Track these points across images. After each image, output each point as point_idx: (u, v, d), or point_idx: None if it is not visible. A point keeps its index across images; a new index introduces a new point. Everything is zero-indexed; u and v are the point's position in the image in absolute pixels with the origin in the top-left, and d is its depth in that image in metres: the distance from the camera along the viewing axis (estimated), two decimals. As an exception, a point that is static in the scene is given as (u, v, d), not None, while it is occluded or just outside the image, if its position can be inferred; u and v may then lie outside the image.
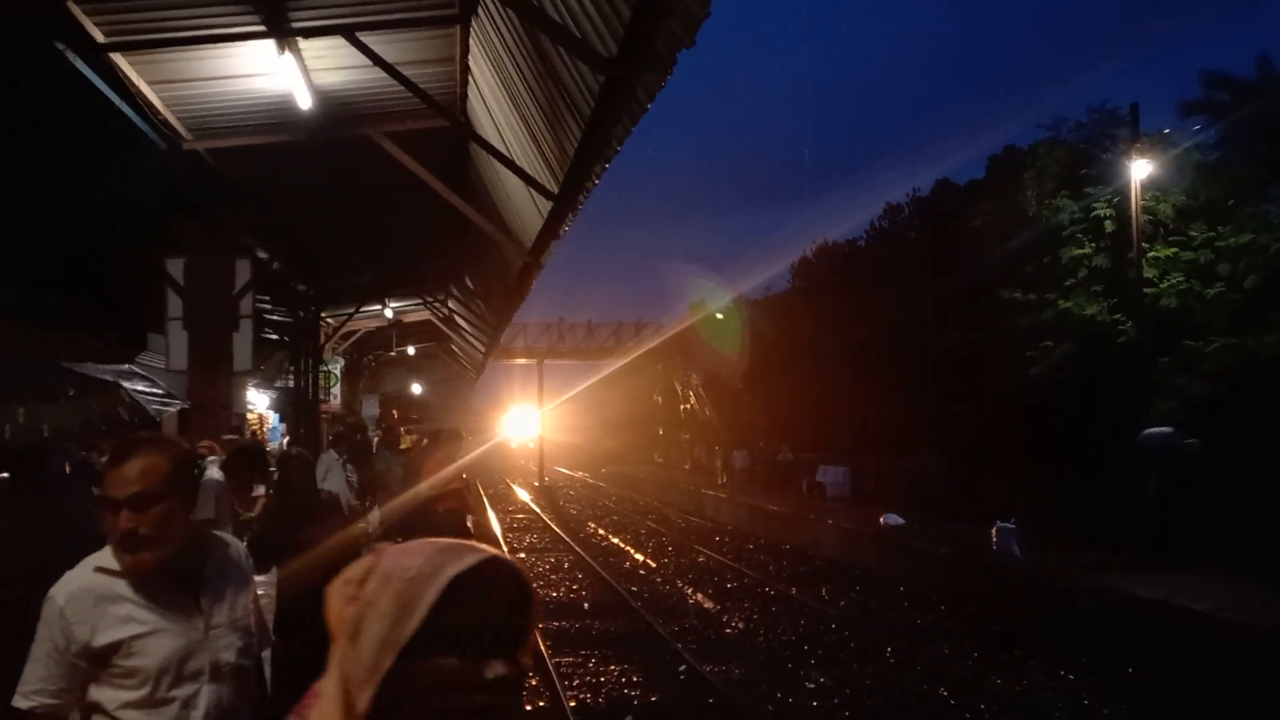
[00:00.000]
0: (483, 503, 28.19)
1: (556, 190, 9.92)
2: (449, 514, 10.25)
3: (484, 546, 1.11)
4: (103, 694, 2.32)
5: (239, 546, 2.66)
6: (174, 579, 2.40)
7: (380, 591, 1.07)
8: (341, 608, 1.09)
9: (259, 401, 21.97)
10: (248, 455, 6.75)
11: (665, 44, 5.97)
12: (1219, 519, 13.28)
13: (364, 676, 1.04)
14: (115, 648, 2.30)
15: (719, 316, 39.10)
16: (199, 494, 6.86)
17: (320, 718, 1.09)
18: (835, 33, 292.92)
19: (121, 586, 2.34)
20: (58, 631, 2.29)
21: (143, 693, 2.32)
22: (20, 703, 2.27)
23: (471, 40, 9.47)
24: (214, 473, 7.23)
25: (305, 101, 9.20)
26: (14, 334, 11.24)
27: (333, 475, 10.54)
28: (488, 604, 1.06)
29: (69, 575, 2.37)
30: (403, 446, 16.01)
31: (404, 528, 10.28)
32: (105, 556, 2.38)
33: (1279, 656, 9.08)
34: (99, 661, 2.30)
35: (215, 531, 2.67)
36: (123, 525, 2.29)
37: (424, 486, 9.91)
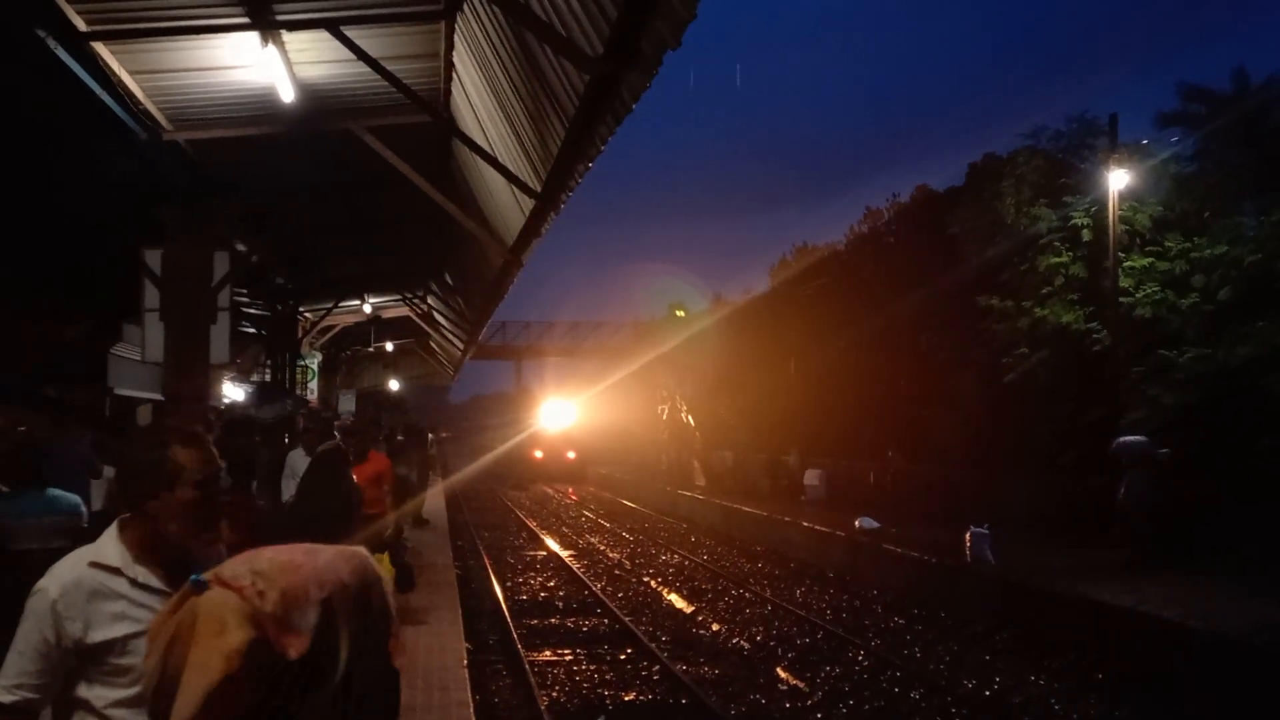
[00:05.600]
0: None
1: (539, 188, 9.93)
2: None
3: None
4: (92, 692, 2.28)
5: (221, 549, 2.66)
6: (168, 578, 2.38)
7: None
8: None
9: (235, 395, 21.83)
10: (235, 427, 7.16)
11: (651, 45, 5.99)
12: (1190, 526, 13.45)
13: None
14: (109, 646, 2.27)
15: (692, 317, 39.11)
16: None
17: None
18: (828, 39, 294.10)
19: (116, 583, 2.30)
20: (49, 625, 2.23)
21: (134, 691, 2.27)
22: (3, 697, 2.20)
23: (456, 36, 9.46)
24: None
25: (288, 94, 9.16)
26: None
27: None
28: None
29: (59, 568, 2.31)
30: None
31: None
32: (100, 551, 2.33)
33: (1248, 660, 9.22)
34: (90, 659, 2.27)
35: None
36: (201, 504, 2.36)
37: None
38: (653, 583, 16.40)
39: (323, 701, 1.31)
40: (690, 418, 36.96)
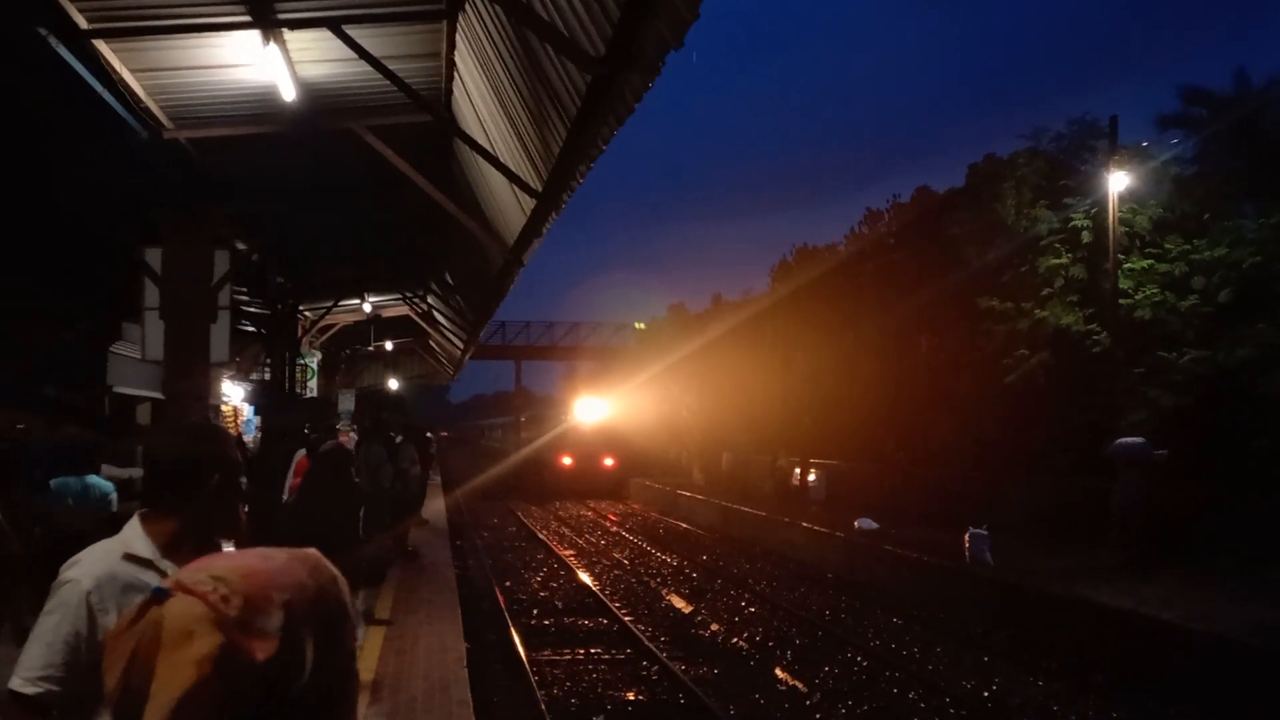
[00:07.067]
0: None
1: (540, 188, 9.93)
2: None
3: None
4: None
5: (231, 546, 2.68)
6: None
7: None
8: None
9: (234, 394, 21.84)
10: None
11: (653, 45, 5.99)
12: (1188, 527, 13.46)
13: None
14: None
15: (690, 320, 39.03)
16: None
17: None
18: (831, 44, 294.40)
19: (147, 575, 2.21)
20: (82, 618, 2.14)
21: None
22: (26, 688, 2.10)
23: (458, 36, 9.46)
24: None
25: (289, 93, 9.15)
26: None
27: None
28: None
29: (90, 559, 2.23)
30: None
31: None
32: (129, 543, 2.28)
33: (1246, 661, 9.23)
34: None
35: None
36: (226, 498, 2.41)
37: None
38: (652, 582, 16.39)
39: (291, 705, 1.31)
40: (690, 418, 36.89)
